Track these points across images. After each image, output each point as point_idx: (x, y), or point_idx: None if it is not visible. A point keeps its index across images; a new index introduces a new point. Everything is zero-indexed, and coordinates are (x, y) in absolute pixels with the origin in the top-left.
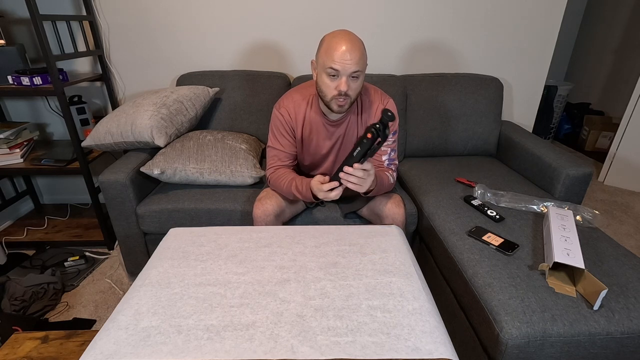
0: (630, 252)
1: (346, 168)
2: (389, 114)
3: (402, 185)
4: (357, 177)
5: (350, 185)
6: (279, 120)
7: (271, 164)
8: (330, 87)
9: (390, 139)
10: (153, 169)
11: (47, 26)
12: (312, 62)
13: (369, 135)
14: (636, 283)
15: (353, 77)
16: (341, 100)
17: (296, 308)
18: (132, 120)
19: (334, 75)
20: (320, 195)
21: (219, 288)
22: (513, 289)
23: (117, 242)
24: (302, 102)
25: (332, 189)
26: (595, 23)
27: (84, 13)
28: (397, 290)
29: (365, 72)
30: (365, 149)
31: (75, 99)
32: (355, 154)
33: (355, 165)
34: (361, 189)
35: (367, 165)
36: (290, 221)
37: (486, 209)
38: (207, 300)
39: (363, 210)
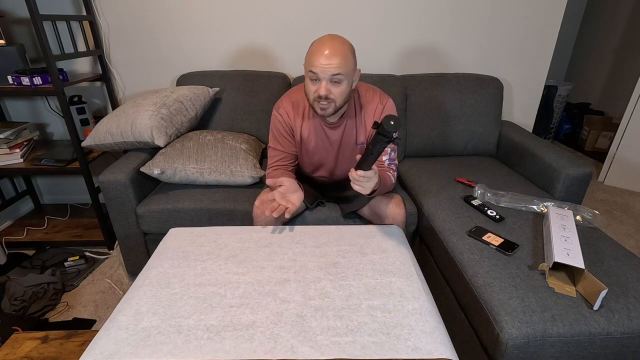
0: (630, 252)
1: (351, 171)
2: (391, 122)
3: (402, 185)
4: (360, 182)
5: (356, 188)
6: (278, 121)
7: (271, 164)
8: (311, 91)
9: None
10: (153, 169)
11: (47, 26)
12: (304, 65)
13: (371, 145)
14: (636, 283)
15: (334, 81)
16: (323, 104)
17: (296, 308)
18: (132, 120)
19: (314, 79)
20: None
21: (219, 288)
22: (513, 289)
23: (117, 242)
24: (300, 104)
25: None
26: (595, 23)
27: (84, 13)
28: (397, 290)
29: (365, 72)
30: (367, 155)
31: (75, 99)
32: (361, 160)
33: (359, 172)
34: (364, 191)
35: (369, 173)
36: (290, 221)
37: (486, 209)
38: (207, 300)
39: (363, 210)
